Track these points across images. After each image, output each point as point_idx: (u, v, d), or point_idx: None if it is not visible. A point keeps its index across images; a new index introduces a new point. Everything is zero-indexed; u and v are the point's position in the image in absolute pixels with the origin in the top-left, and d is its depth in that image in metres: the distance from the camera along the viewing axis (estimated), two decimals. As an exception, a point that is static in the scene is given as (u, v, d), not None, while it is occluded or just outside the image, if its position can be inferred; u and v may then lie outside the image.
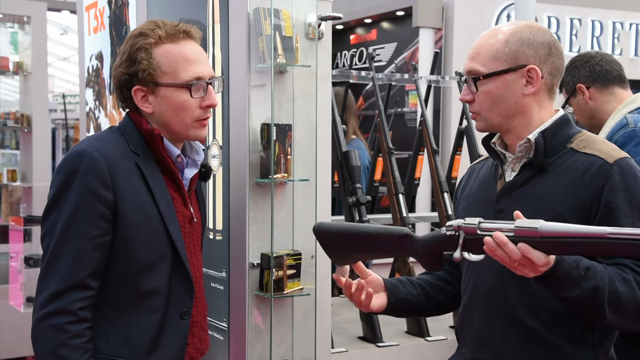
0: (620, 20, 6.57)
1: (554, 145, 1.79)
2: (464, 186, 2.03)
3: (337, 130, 3.01)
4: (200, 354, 2.03)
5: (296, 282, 2.46)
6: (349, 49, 7.15)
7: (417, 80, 3.60)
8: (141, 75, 1.87)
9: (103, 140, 1.88)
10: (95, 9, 3.74)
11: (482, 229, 1.62)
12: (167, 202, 1.90)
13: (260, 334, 2.46)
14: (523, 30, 1.81)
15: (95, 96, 3.83)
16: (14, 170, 6.37)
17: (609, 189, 1.70)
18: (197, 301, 2.00)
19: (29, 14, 6.00)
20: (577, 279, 1.62)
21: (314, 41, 2.50)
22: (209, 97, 1.92)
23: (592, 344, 1.76)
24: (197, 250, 2.03)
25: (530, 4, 4.13)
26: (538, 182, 1.77)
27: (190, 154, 2.01)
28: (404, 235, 1.78)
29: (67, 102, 7.76)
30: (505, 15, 5.95)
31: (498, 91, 1.79)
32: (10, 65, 6.07)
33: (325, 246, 1.87)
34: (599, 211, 1.70)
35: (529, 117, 1.81)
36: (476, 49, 1.84)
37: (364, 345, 3.00)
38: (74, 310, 1.77)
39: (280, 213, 2.47)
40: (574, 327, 1.74)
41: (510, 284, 1.77)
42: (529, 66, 1.78)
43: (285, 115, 2.47)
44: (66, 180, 1.80)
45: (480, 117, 1.85)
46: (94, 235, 1.79)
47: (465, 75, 1.85)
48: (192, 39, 1.93)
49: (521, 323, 1.77)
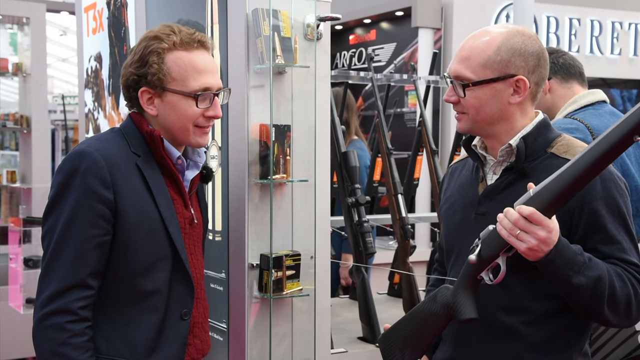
0: (619, 20, 6.57)
1: (534, 150, 1.81)
2: (446, 187, 2.04)
3: (336, 131, 3.01)
4: (201, 354, 2.04)
5: (295, 283, 2.46)
6: (348, 50, 7.15)
7: (416, 81, 3.60)
8: (150, 78, 1.88)
9: (104, 141, 1.89)
10: (94, 10, 3.74)
11: None
12: (167, 203, 1.90)
13: (260, 335, 2.46)
14: (515, 37, 1.80)
15: (94, 97, 3.83)
16: (14, 171, 6.38)
17: (591, 197, 1.73)
18: (198, 302, 2.00)
19: (28, 15, 6.00)
20: (582, 265, 1.65)
21: (312, 42, 2.51)
22: (214, 108, 1.93)
23: (568, 342, 1.79)
24: (198, 251, 2.03)
25: (529, 4, 4.13)
26: (519, 187, 1.77)
27: (192, 156, 2.02)
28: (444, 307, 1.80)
29: (66, 103, 7.75)
30: (504, 15, 5.95)
31: (485, 97, 1.80)
32: (9, 67, 6.07)
33: None
34: (582, 218, 1.73)
35: (512, 124, 1.82)
36: (466, 51, 1.82)
37: (364, 345, 3.00)
38: (75, 310, 1.78)
39: (279, 214, 2.47)
40: (552, 326, 1.78)
41: (492, 286, 1.77)
42: (517, 77, 1.79)
43: (284, 116, 2.47)
44: (66, 180, 1.80)
45: (464, 118, 1.86)
46: (94, 234, 1.80)
47: (451, 77, 1.84)
48: (205, 49, 1.94)
49: (501, 324, 1.79)
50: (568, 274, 1.65)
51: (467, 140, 1.93)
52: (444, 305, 1.78)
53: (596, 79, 6.59)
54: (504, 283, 1.72)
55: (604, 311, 1.69)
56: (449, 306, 1.77)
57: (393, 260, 3.64)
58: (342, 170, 2.99)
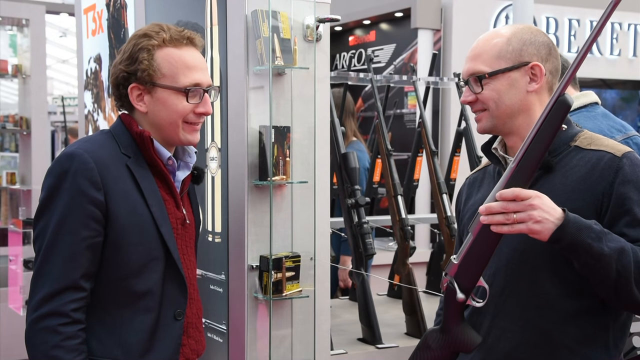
0: (618, 21, 6.57)
1: (557, 144, 1.79)
2: (467, 197, 2.02)
3: (335, 132, 3.01)
4: (196, 355, 2.04)
5: (295, 284, 2.46)
6: (347, 51, 7.16)
7: (416, 82, 3.60)
8: (140, 75, 1.89)
9: (93, 143, 1.89)
10: (94, 12, 3.74)
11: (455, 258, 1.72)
12: (159, 204, 1.91)
13: (260, 336, 2.46)
14: (523, 31, 1.83)
15: (94, 99, 3.83)
16: (13, 173, 6.37)
17: (620, 181, 1.71)
18: (191, 302, 2.00)
19: (27, 16, 5.99)
20: (601, 233, 1.62)
21: (312, 43, 2.50)
22: (204, 104, 1.94)
23: (606, 344, 1.75)
24: (190, 252, 2.03)
25: (528, 5, 4.13)
26: (546, 182, 1.77)
27: (183, 156, 2.03)
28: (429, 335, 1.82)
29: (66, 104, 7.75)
30: (503, 16, 5.95)
31: (502, 88, 1.80)
32: (9, 68, 6.07)
33: None
34: (610, 202, 1.71)
35: (532, 116, 1.81)
36: (477, 50, 1.84)
37: (364, 347, 3.00)
38: (67, 312, 1.77)
39: (279, 215, 2.47)
40: (588, 327, 1.74)
41: (522, 285, 1.76)
42: (532, 63, 1.80)
43: (283, 118, 2.47)
44: (57, 182, 1.80)
45: (484, 116, 1.84)
46: (86, 236, 1.80)
47: (466, 77, 1.84)
48: (194, 46, 1.96)
49: (533, 325, 1.76)
50: (587, 242, 1.60)
51: (486, 145, 1.92)
52: (443, 347, 1.78)
53: (596, 80, 6.59)
54: (534, 279, 1.71)
55: (633, 290, 1.62)
56: (449, 346, 1.77)
57: (393, 262, 3.64)
58: (341, 172, 2.99)
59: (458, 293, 1.71)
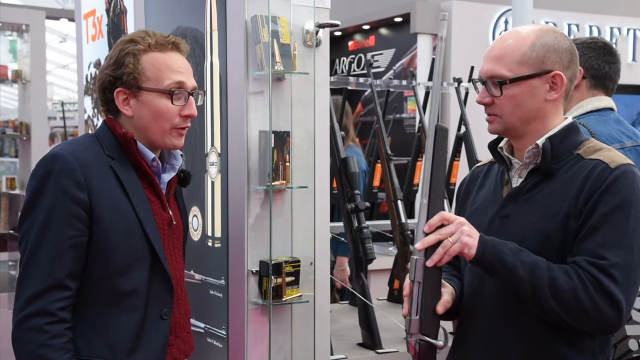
0: (617, 26, 6.58)
1: (561, 151, 1.79)
2: (468, 190, 2.02)
3: (335, 137, 3.01)
4: (184, 355, 2.05)
5: (295, 289, 2.45)
6: (347, 56, 7.17)
7: (416, 87, 3.61)
8: (125, 79, 1.92)
9: (77, 144, 1.91)
10: (94, 17, 3.74)
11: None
12: (144, 204, 1.92)
13: (259, 342, 2.46)
14: (547, 34, 1.80)
15: (94, 104, 3.84)
16: (13, 178, 6.37)
17: (603, 190, 1.70)
18: (178, 303, 2.01)
19: (27, 22, 6.01)
20: (514, 249, 1.70)
21: (311, 48, 2.51)
22: (189, 107, 1.96)
23: (593, 351, 1.76)
24: (178, 253, 2.05)
25: (528, 10, 4.14)
26: (544, 187, 1.77)
27: (168, 159, 2.05)
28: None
29: (66, 110, 7.74)
30: (503, 22, 5.96)
31: (522, 95, 1.79)
32: (9, 74, 6.08)
33: None
34: (585, 211, 1.71)
35: (545, 123, 1.81)
36: (499, 51, 1.81)
37: (364, 351, 2.99)
38: (53, 311, 1.78)
39: (279, 220, 2.47)
40: (575, 332, 1.74)
41: (511, 300, 1.76)
42: (554, 72, 1.78)
43: (283, 122, 2.47)
44: (40, 183, 1.82)
45: (498, 119, 1.83)
46: (70, 235, 1.81)
47: (485, 77, 1.82)
48: (179, 51, 1.99)
49: (527, 327, 1.77)
50: (502, 258, 1.69)
51: (493, 142, 1.91)
52: None
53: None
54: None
55: (551, 304, 1.67)
56: None
57: (393, 266, 3.64)
58: (341, 177, 2.99)
59: (434, 342, 1.74)
